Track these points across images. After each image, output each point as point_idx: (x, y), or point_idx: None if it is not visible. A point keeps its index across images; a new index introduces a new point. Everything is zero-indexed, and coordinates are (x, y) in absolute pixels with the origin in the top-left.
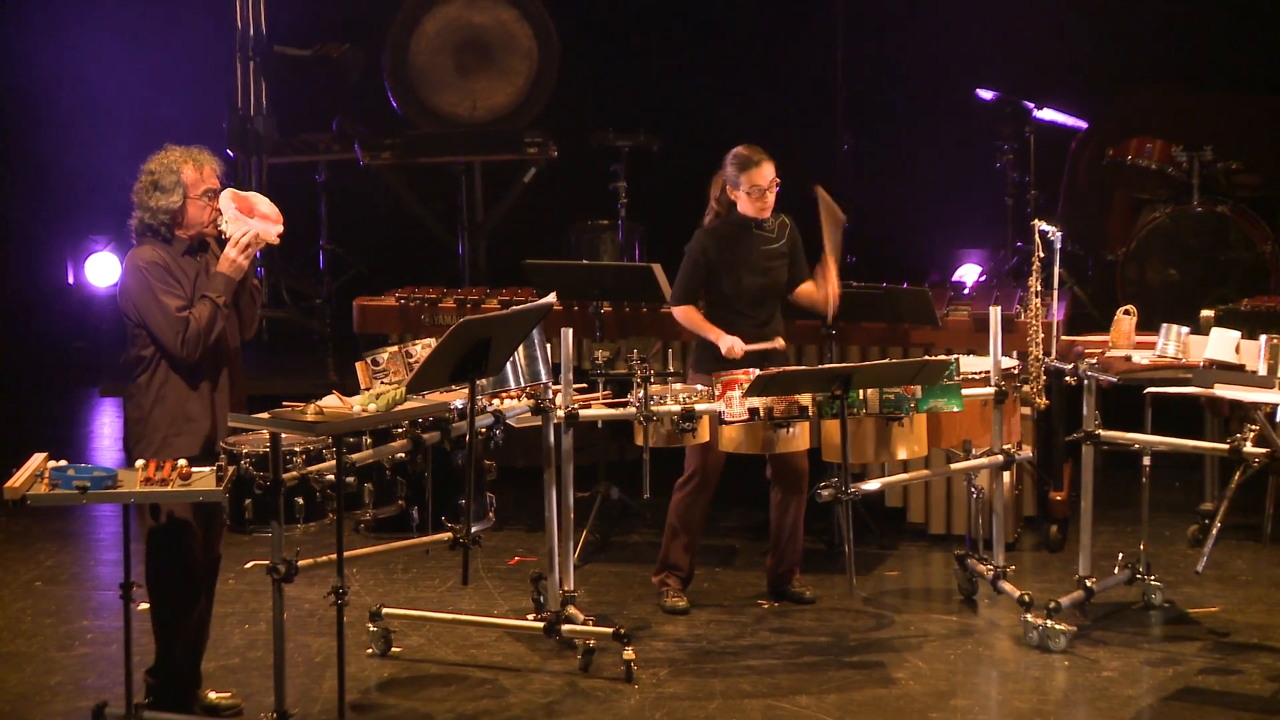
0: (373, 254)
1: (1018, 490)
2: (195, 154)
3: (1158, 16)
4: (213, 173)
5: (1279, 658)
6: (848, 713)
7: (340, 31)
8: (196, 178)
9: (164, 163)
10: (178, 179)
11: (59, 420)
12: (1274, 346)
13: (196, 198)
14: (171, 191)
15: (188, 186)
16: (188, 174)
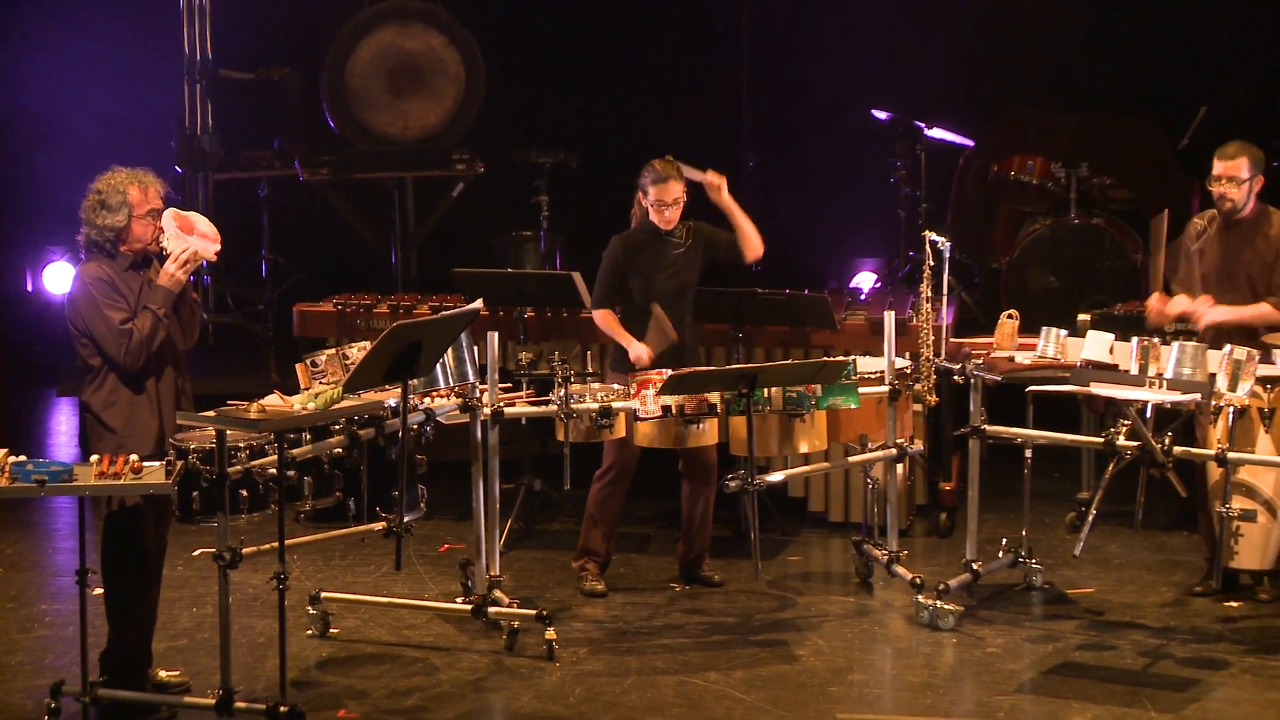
0: (311, 263)
1: (910, 481)
2: (141, 175)
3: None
4: (156, 194)
5: (1150, 634)
6: (753, 687)
7: (281, 56)
8: (141, 198)
9: (111, 183)
10: (124, 199)
11: (18, 418)
12: (1144, 348)
13: (141, 217)
14: (118, 210)
15: (133, 206)
16: (133, 194)
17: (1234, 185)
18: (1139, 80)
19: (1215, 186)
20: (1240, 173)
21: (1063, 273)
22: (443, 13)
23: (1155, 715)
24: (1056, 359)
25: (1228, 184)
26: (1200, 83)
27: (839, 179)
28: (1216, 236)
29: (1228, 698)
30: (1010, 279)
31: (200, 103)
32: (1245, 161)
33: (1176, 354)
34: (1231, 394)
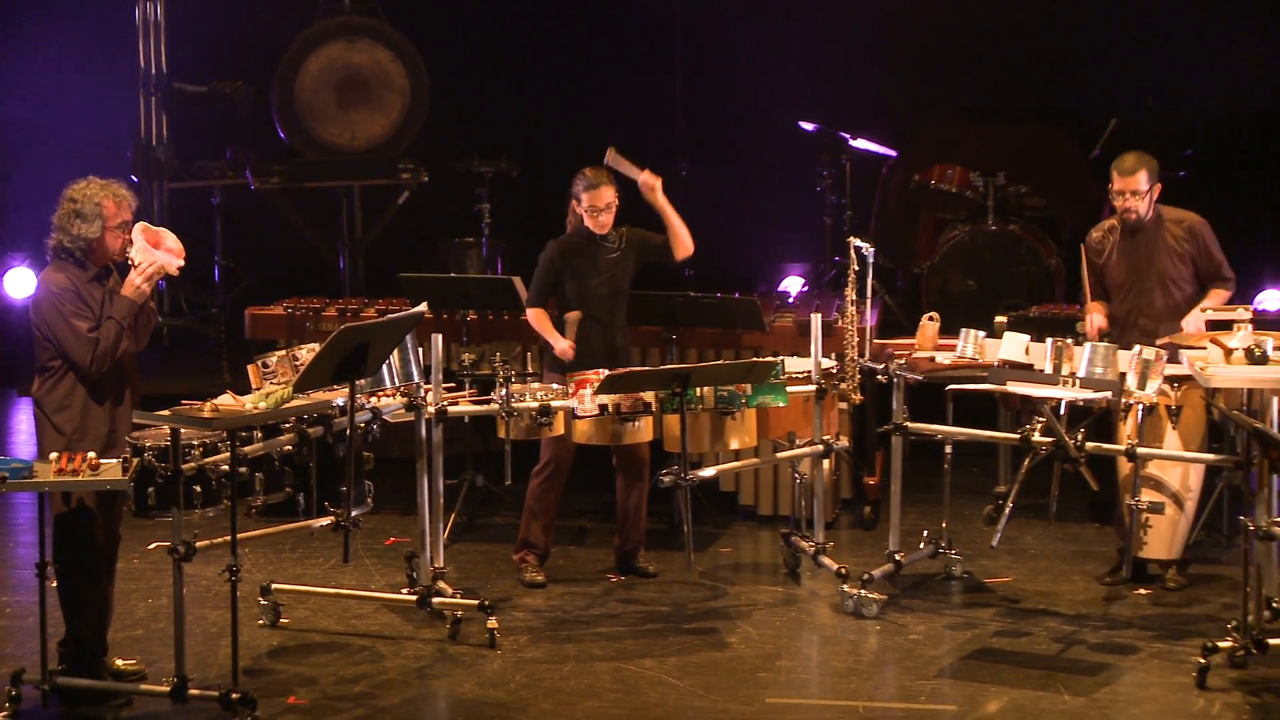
0: (263, 268)
1: (836, 476)
2: (115, 188)
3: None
4: (128, 207)
5: (1063, 621)
6: (686, 673)
7: (233, 70)
8: (115, 210)
9: (86, 194)
10: (99, 210)
11: None
12: (1058, 348)
13: (113, 228)
14: (92, 221)
15: (107, 218)
16: (108, 207)
17: (1136, 198)
18: (1053, 94)
19: (1119, 200)
20: (1140, 186)
21: (981, 277)
22: (388, 28)
23: (1069, 698)
24: (975, 359)
25: (1130, 197)
26: (1111, 96)
27: (768, 187)
28: (1121, 245)
29: (1136, 681)
30: (931, 283)
31: (155, 115)
32: (1144, 174)
33: (1088, 354)
34: (1141, 392)
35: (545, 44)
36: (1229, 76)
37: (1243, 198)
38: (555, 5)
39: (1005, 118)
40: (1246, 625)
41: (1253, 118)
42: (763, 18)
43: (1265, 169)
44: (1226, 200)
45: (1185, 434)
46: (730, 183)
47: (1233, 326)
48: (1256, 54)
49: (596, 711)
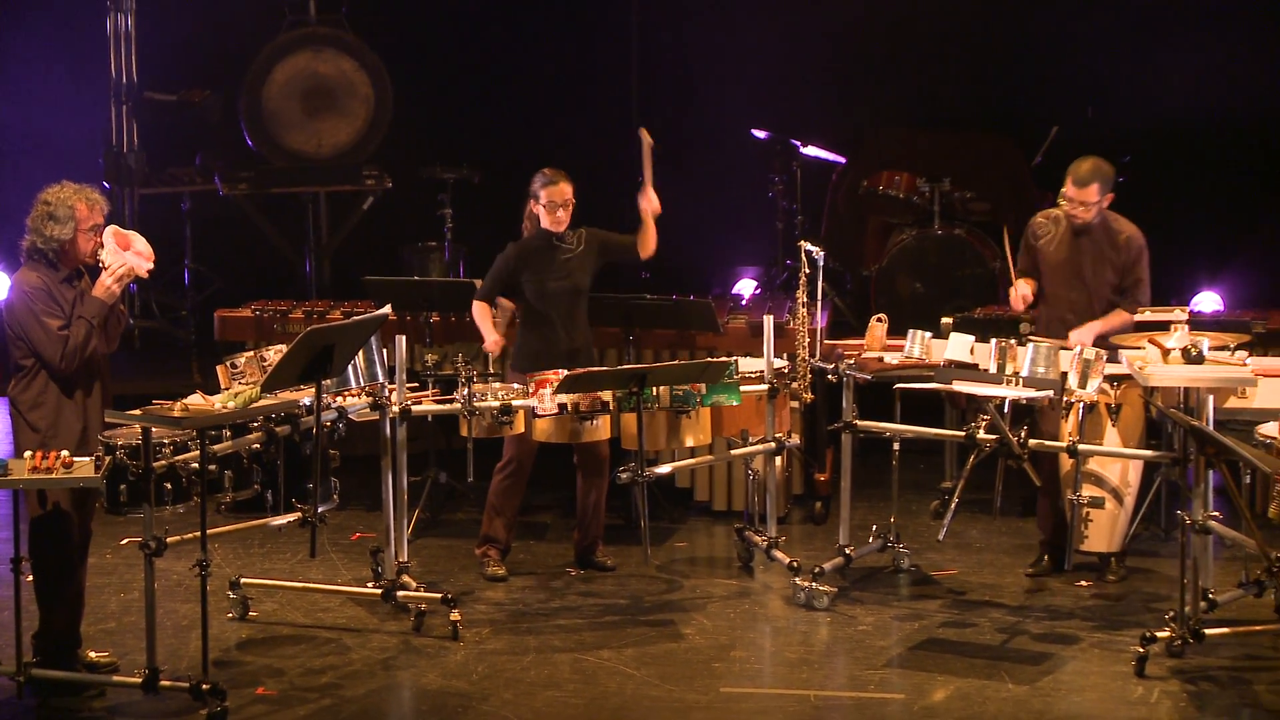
0: (231, 272)
1: (788, 472)
2: (88, 192)
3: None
4: (100, 210)
5: (1007, 612)
6: (643, 664)
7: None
8: (87, 214)
9: (60, 197)
10: (71, 213)
11: None
12: (1002, 348)
13: (85, 231)
14: (65, 223)
15: (79, 221)
16: (80, 210)
17: (1085, 208)
18: (996, 103)
19: (1068, 206)
20: (1092, 198)
21: (927, 279)
22: (353, 39)
23: (1013, 686)
24: (922, 359)
25: (1079, 207)
26: (1052, 105)
27: (721, 193)
28: (1067, 239)
29: (1078, 670)
30: (879, 285)
31: (126, 123)
32: (1097, 187)
33: (1031, 354)
34: (1082, 390)
35: (505, 54)
36: (1165, 86)
37: (1178, 203)
38: (515, 17)
39: (951, 126)
40: (1184, 616)
41: (1187, 125)
42: (717, 28)
43: (1200, 175)
44: (1163, 205)
45: (1124, 431)
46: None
47: (1170, 327)
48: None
49: (556, 701)
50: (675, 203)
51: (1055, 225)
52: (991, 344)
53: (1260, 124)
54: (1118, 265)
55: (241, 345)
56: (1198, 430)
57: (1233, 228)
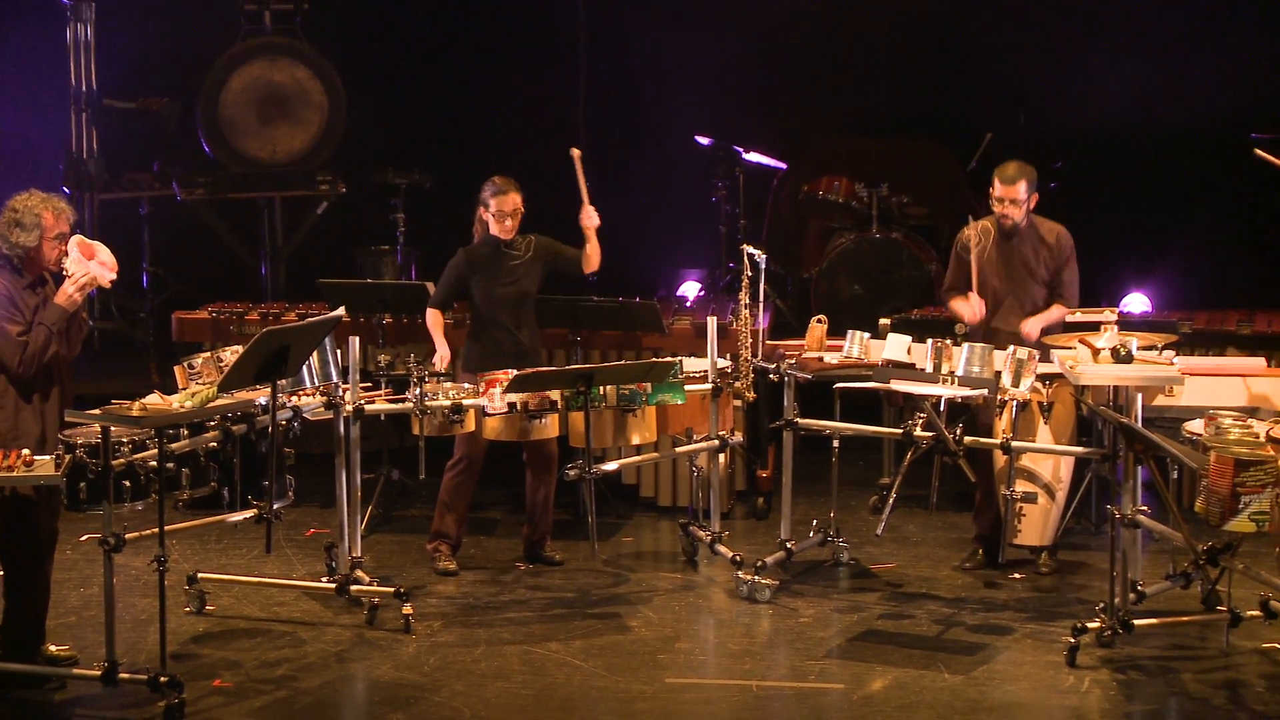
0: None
1: (731, 469)
2: (55, 202)
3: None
4: (66, 220)
5: (943, 604)
6: (591, 655)
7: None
8: (53, 222)
9: (27, 205)
10: (38, 221)
11: None
12: (938, 348)
13: (50, 239)
14: (31, 231)
15: (45, 229)
16: (47, 218)
17: (1014, 206)
18: (932, 110)
19: (997, 206)
20: (1019, 195)
21: (866, 282)
22: (307, 48)
23: (948, 676)
24: (861, 359)
25: (1009, 205)
26: (985, 112)
27: (666, 198)
28: (997, 245)
29: (1011, 660)
30: (819, 287)
31: (86, 129)
32: (1024, 184)
33: (966, 354)
34: (1015, 389)
35: (456, 63)
36: (1094, 93)
37: (1108, 207)
38: (466, 27)
39: (888, 133)
40: (1113, 607)
41: (1117, 131)
42: (662, 39)
43: (1129, 179)
44: (1093, 209)
45: (1056, 428)
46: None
47: (1100, 328)
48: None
49: (506, 692)
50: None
51: (984, 235)
52: (928, 344)
53: (1187, 130)
54: (1050, 264)
55: (199, 346)
56: (1127, 427)
57: (1161, 231)
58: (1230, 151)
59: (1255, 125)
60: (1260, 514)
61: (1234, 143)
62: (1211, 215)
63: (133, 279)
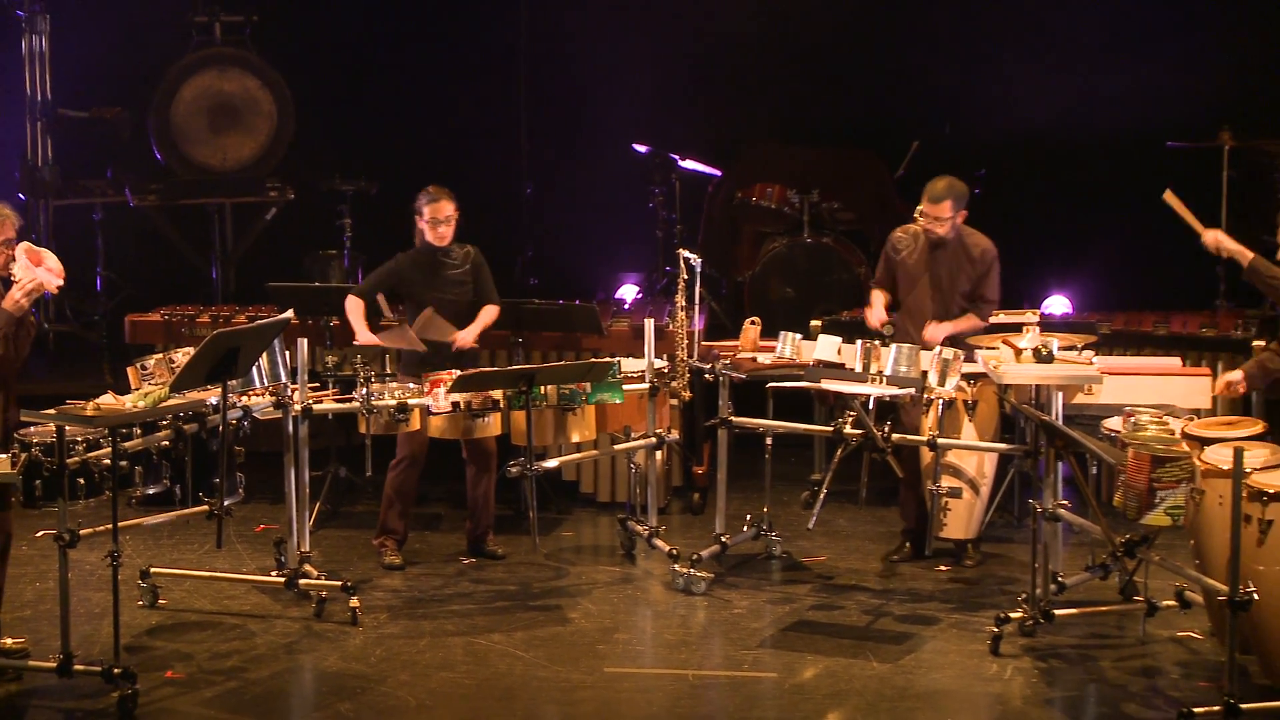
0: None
1: (667, 466)
2: (1, 209)
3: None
4: (12, 225)
5: (872, 595)
6: (532, 646)
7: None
8: None
9: None
10: None
11: None
12: (867, 349)
13: None
14: None
15: None
16: None
17: (940, 223)
18: (862, 119)
19: (924, 221)
20: (945, 213)
21: (798, 284)
22: (256, 59)
23: (877, 665)
24: (793, 359)
25: (935, 221)
26: (913, 121)
27: (605, 204)
28: (924, 252)
29: (937, 649)
30: (753, 290)
31: (41, 138)
32: (950, 202)
33: (894, 354)
34: (941, 388)
35: (401, 73)
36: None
37: (1030, 212)
38: (410, 39)
39: (819, 141)
40: (1035, 598)
41: (1038, 139)
42: (601, 51)
43: (1050, 185)
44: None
45: (980, 426)
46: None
47: (1022, 329)
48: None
49: (450, 682)
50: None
51: (914, 240)
52: (857, 345)
53: (1105, 138)
54: (972, 275)
55: (151, 348)
56: (1048, 425)
57: (1080, 236)
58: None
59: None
60: (1175, 508)
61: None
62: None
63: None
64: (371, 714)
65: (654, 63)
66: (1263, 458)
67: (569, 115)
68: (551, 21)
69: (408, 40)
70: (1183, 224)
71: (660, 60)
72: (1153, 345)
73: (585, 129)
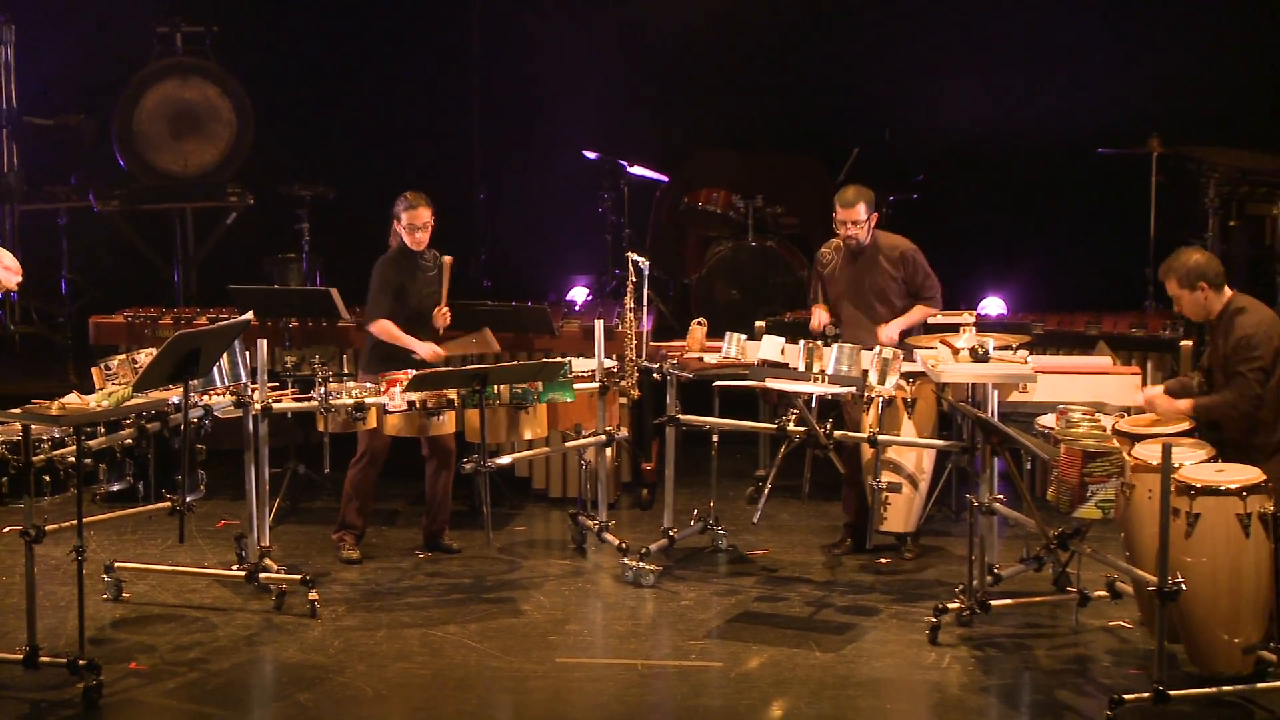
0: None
1: (617, 462)
2: None
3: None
4: None
5: (815, 587)
6: (486, 638)
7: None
8: None
9: None
10: None
11: None
12: (810, 349)
13: None
14: None
15: None
16: None
17: (856, 227)
18: (804, 126)
19: (841, 229)
20: (859, 216)
21: (743, 287)
22: (217, 68)
23: (819, 654)
24: (738, 359)
25: (851, 226)
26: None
27: (556, 209)
28: (845, 264)
29: (878, 639)
30: (699, 292)
31: (7, 145)
32: (863, 206)
33: (835, 354)
34: (881, 386)
35: (358, 81)
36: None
37: (967, 216)
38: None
39: (763, 148)
40: (972, 589)
41: (975, 146)
42: (552, 59)
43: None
44: (953, 218)
45: (919, 423)
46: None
47: (959, 329)
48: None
49: (406, 672)
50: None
51: (836, 254)
52: (800, 345)
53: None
54: (899, 277)
55: (115, 349)
56: (984, 422)
57: (1015, 238)
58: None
59: (1101, 141)
60: (1106, 501)
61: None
62: (1062, 223)
63: (52, 286)
64: (330, 704)
65: (604, 72)
66: (1190, 453)
67: (521, 123)
68: (504, 32)
69: (364, 50)
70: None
71: (610, 69)
72: (1084, 344)
73: (537, 136)
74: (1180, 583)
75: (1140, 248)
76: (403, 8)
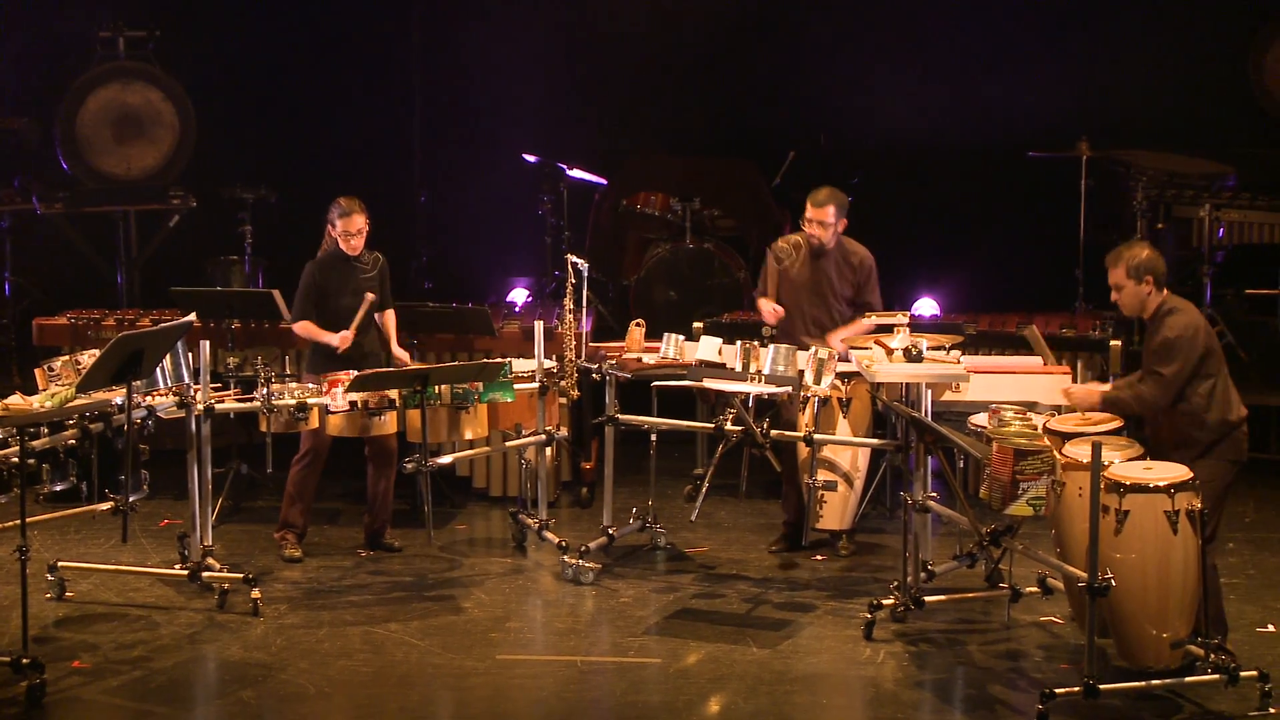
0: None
1: (557, 461)
2: None
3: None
4: None
5: (752, 584)
6: (427, 635)
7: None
8: None
9: None
10: None
11: None
12: (746, 349)
13: None
14: None
15: None
16: None
17: (823, 228)
18: (740, 130)
19: (808, 227)
20: (828, 218)
21: (680, 288)
22: (159, 72)
23: (757, 650)
24: (676, 359)
25: (818, 226)
26: (789, 132)
27: (496, 211)
28: (808, 261)
29: (814, 634)
30: (638, 293)
31: None
32: (833, 208)
33: (772, 354)
34: (816, 386)
35: (299, 86)
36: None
37: (901, 217)
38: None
39: (700, 151)
40: (906, 585)
41: (909, 148)
42: (492, 64)
43: (920, 192)
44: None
45: (854, 422)
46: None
47: (893, 330)
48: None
49: (348, 669)
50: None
51: (796, 250)
52: (737, 346)
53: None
54: (854, 282)
55: (58, 350)
56: (918, 421)
57: (948, 240)
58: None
59: (1032, 144)
60: (1037, 499)
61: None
62: (994, 226)
63: None
64: (273, 701)
65: (544, 76)
66: (1119, 452)
67: (461, 126)
68: (444, 36)
69: (305, 54)
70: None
71: (549, 74)
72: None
73: (477, 139)
74: (1110, 579)
75: (1070, 249)
76: (343, 12)
